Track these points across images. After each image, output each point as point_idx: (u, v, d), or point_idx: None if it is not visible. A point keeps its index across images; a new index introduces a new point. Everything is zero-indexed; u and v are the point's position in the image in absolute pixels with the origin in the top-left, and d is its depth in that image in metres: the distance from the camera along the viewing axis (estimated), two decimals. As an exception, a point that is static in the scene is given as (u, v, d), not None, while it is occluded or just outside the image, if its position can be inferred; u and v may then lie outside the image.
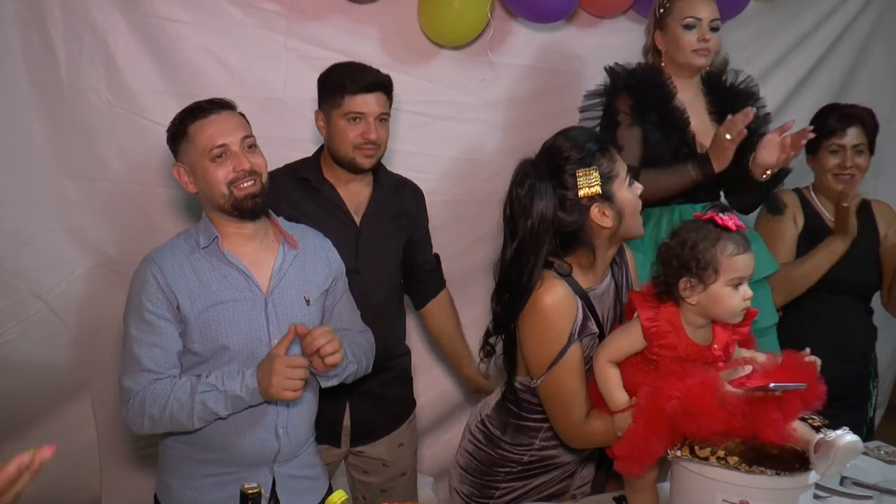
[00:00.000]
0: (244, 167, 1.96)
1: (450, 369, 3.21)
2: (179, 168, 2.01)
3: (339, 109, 2.31)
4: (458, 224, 3.10)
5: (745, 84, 2.68)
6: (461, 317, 3.16)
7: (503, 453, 2.09)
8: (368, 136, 2.32)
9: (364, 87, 2.31)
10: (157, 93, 2.63)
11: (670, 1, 2.55)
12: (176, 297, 1.93)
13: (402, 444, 2.62)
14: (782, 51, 3.56)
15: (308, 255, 2.11)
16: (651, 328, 1.81)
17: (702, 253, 1.76)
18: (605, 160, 1.89)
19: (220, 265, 1.98)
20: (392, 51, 2.90)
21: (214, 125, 1.96)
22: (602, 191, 1.86)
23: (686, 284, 1.79)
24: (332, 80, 2.35)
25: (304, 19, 2.76)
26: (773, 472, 1.66)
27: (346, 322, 2.20)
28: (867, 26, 3.69)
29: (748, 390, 1.69)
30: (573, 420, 1.91)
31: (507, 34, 3.03)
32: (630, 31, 3.14)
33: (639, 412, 1.75)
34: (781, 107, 3.59)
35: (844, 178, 2.71)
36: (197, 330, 1.94)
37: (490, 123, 3.09)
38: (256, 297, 1.99)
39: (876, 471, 2.17)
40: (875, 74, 3.78)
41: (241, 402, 1.91)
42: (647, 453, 1.75)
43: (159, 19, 2.60)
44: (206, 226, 2.02)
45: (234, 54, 2.71)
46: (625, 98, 2.52)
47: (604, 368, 1.86)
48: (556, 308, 1.87)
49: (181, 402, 1.90)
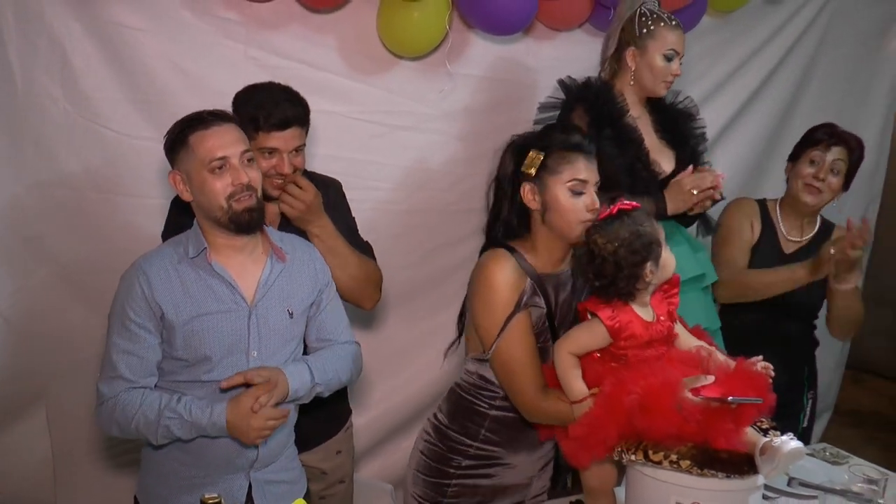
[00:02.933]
0: (243, 181, 1.96)
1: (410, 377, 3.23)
2: (176, 176, 1.99)
3: (253, 142, 2.19)
4: (415, 233, 3.12)
5: (684, 104, 2.73)
6: (416, 327, 3.22)
7: (451, 444, 2.15)
8: (281, 170, 2.25)
9: (278, 124, 2.22)
10: (115, 101, 2.60)
11: (655, 25, 2.53)
12: (160, 307, 1.94)
13: (339, 452, 2.59)
14: (735, 64, 3.64)
15: (295, 268, 2.11)
16: (614, 325, 1.87)
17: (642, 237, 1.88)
18: (559, 156, 2.00)
19: (207, 276, 1.98)
20: (351, 60, 2.90)
21: (216, 137, 1.95)
22: (535, 175, 2.01)
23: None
24: (245, 110, 2.24)
25: (264, 28, 2.75)
26: (724, 475, 1.71)
27: (328, 332, 2.19)
28: (815, 41, 3.80)
29: (707, 400, 1.73)
30: (528, 390, 1.97)
31: (466, 45, 3.05)
32: (586, 44, 3.18)
33: (601, 398, 1.80)
34: (735, 118, 3.68)
35: (813, 189, 2.70)
36: (181, 338, 1.95)
37: (448, 134, 3.11)
38: (241, 308, 2.00)
39: (821, 471, 2.25)
40: (823, 87, 3.89)
41: (204, 433, 1.94)
42: (600, 439, 1.78)
43: (117, 26, 2.57)
44: (196, 235, 2.01)
45: (193, 62, 2.68)
46: (581, 113, 2.53)
47: (564, 357, 1.91)
48: (503, 278, 2.00)
49: (147, 420, 1.92)
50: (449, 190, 3.14)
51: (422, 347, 3.22)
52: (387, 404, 3.20)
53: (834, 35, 3.83)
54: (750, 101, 3.72)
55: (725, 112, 3.65)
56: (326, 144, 2.86)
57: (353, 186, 2.88)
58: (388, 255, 2.97)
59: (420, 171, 3.09)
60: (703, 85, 3.51)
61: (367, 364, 3.03)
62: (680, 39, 2.56)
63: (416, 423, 3.20)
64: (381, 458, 3.26)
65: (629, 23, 2.55)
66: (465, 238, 3.20)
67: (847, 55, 3.91)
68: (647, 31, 2.53)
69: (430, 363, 3.24)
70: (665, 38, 2.52)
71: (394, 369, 3.19)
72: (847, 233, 2.48)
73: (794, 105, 3.83)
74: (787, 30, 3.71)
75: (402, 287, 3.09)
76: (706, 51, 3.48)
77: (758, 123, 3.77)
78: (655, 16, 2.55)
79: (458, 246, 3.21)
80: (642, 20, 2.54)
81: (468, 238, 3.21)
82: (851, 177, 2.75)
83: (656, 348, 1.89)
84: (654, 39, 2.52)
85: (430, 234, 3.15)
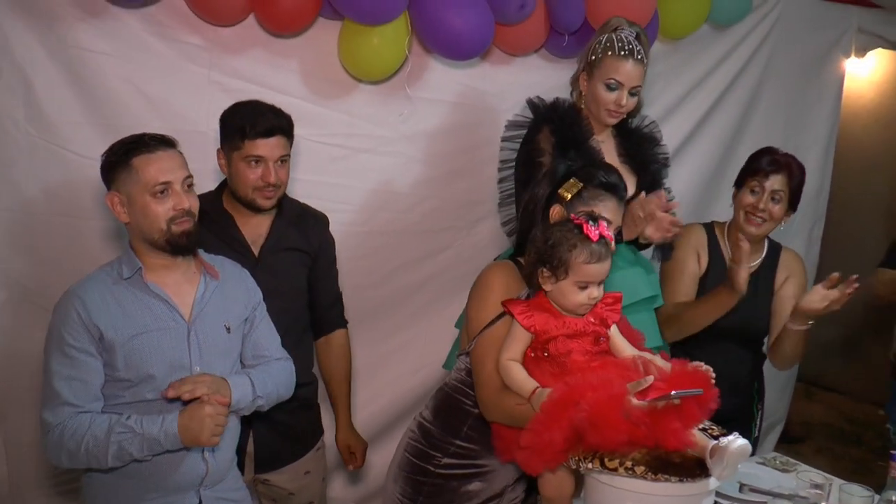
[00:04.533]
0: (185, 206, 2.02)
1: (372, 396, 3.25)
2: (114, 197, 2.02)
3: (238, 152, 2.34)
4: (376, 255, 3.16)
5: (649, 129, 2.80)
6: (380, 347, 3.24)
7: (433, 441, 2.20)
8: (268, 179, 2.36)
9: (263, 132, 2.34)
10: (78, 124, 2.61)
11: (603, 53, 2.57)
12: (99, 329, 1.95)
13: (308, 472, 2.61)
14: (686, 89, 3.75)
15: (228, 285, 2.17)
16: (527, 319, 1.96)
17: (559, 253, 1.94)
18: (595, 191, 2.11)
19: (144, 295, 2.02)
20: (313, 84, 2.94)
21: (161, 161, 2.00)
22: (569, 201, 2.10)
23: (542, 273, 1.97)
24: (232, 122, 2.37)
25: (227, 52, 2.79)
26: (677, 479, 1.76)
27: (262, 349, 2.24)
28: (760, 67, 3.93)
29: (652, 401, 1.79)
30: (493, 384, 2.03)
31: (425, 70, 3.11)
32: (542, 69, 3.28)
33: (548, 404, 1.85)
34: (685, 142, 3.79)
35: (755, 220, 2.69)
36: (122, 358, 1.96)
37: (408, 156, 3.16)
38: (179, 326, 2.03)
39: (771, 479, 2.34)
40: (769, 112, 4.02)
41: (157, 445, 1.93)
42: (546, 443, 1.83)
43: (80, 50, 2.59)
44: (129, 257, 2.05)
45: (156, 87, 2.70)
46: (547, 134, 2.57)
47: (507, 364, 1.98)
48: (502, 280, 2.11)
49: (97, 440, 1.91)
50: (409, 211, 3.19)
51: (384, 367, 3.26)
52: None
53: (778, 62, 3.97)
54: (700, 125, 3.83)
55: (676, 136, 3.75)
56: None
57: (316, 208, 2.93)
58: (351, 276, 3.01)
59: (381, 192, 3.14)
60: (654, 110, 3.60)
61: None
62: (629, 71, 2.56)
63: (379, 440, 3.24)
64: (347, 475, 3.28)
65: (586, 50, 2.62)
66: (425, 258, 3.26)
67: (790, 81, 4.06)
68: (595, 57, 2.59)
69: (392, 382, 3.29)
70: (609, 67, 2.57)
71: (354, 388, 3.18)
72: (839, 290, 2.51)
73: (741, 129, 3.95)
74: (734, 57, 3.84)
75: (364, 308, 3.13)
76: (657, 76, 3.58)
77: (707, 148, 3.88)
78: (609, 43, 2.59)
79: (419, 266, 3.26)
80: (596, 46, 2.60)
81: (429, 259, 3.27)
82: (797, 199, 2.73)
83: (581, 341, 1.96)
84: (599, 68, 2.58)
85: (391, 255, 3.19)
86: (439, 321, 3.18)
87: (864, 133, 5.30)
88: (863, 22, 4.16)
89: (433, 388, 2.38)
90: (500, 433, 2.08)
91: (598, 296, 1.97)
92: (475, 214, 3.33)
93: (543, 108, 2.65)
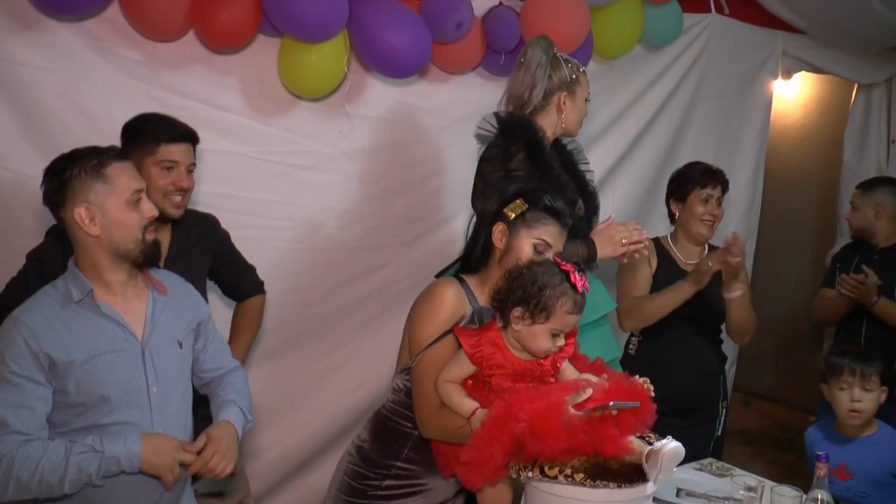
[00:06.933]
0: (154, 213, 1.99)
1: (312, 414, 3.23)
2: (84, 209, 1.91)
3: (153, 157, 2.34)
4: (316, 271, 3.16)
5: (574, 146, 2.82)
6: (321, 363, 3.23)
7: (374, 462, 2.19)
8: (180, 184, 2.37)
9: (178, 137, 2.37)
10: (11, 140, 2.56)
11: (576, 73, 2.64)
12: (50, 356, 1.87)
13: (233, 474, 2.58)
14: (621, 107, 3.85)
15: (175, 300, 2.12)
16: (476, 354, 1.96)
17: (545, 297, 1.93)
18: (539, 214, 2.11)
19: (96, 317, 1.94)
20: (253, 101, 2.95)
21: (130, 170, 1.97)
22: (512, 220, 2.11)
23: (515, 312, 1.95)
24: (145, 128, 2.37)
25: (166, 68, 2.77)
26: (615, 485, 1.80)
27: (220, 362, 2.22)
28: (692, 87, 4.06)
29: (589, 411, 1.83)
30: (432, 402, 2.04)
31: (364, 87, 3.13)
32: (479, 87, 3.33)
33: (489, 420, 1.87)
34: (621, 158, 3.88)
35: (708, 224, 3.00)
36: (74, 383, 1.88)
37: (348, 173, 3.17)
38: (133, 346, 1.97)
39: (708, 483, 2.40)
40: (700, 130, 4.15)
41: (116, 465, 1.86)
42: (487, 459, 1.85)
43: (14, 64, 2.54)
44: (76, 278, 1.96)
45: (94, 102, 2.67)
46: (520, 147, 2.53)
47: (446, 386, 2.00)
48: (449, 298, 2.10)
49: (54, 465, 1.82)
50: (348, 228, 3.20)
51: (325, 384, 3.25)
52: (289, 441, 3.20)
53: (709, 82, 4.10)
54: (635, 142, 3.93)
55: (613, 153, 3.84)
56: (228, 184, 2.90)
57: (256, 226, 2.93)
58: (291, 292, 3.01)
59: (320, 210, 3.14)
60: (590, 127, 3.68)
61: (269, 400, 3.06)
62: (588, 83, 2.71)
63: (318, 459, 3.23)
64: (285, 494, 3.25)
65: (557, 70, 2.62)
66: (365, 275, 3.27)
67: (721, 101, 4.19)
68: (575, 76, 2.65)
69: (333, 400, 3.28)
70: (586, 83, 2.68)
71: (295, 405, 3.20)
72: (724, 245, 2.80)
73: (675, 146, 4.06)
74: (667, 77, 3.96)
75: (304, 325, 3.13)
76: (592, 95, 3.59)
77: (643, 164, 3.97)
78: (576, 64, 2.68)
79: (359, 283, 3.26)
80: (569, 67, 2.65)
81: (368, 275, 3.28)
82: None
83: (525, 383, 1.97)
84: (580, 85, 2.66)
85: (331, 272, 3.19)
86: (380, 338, 3.19)
87: (792, 152, 5.48)
88: (787, 46, 4.32)
89: (375, 404, 2.38)
90: (441, 449, 2.09)
91: (562, 344, 1.99)
92: (414, 231, 3.35)
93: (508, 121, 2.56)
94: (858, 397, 2.57)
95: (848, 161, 4.67)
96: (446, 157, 3.32)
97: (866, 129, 4.64)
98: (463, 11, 3.02)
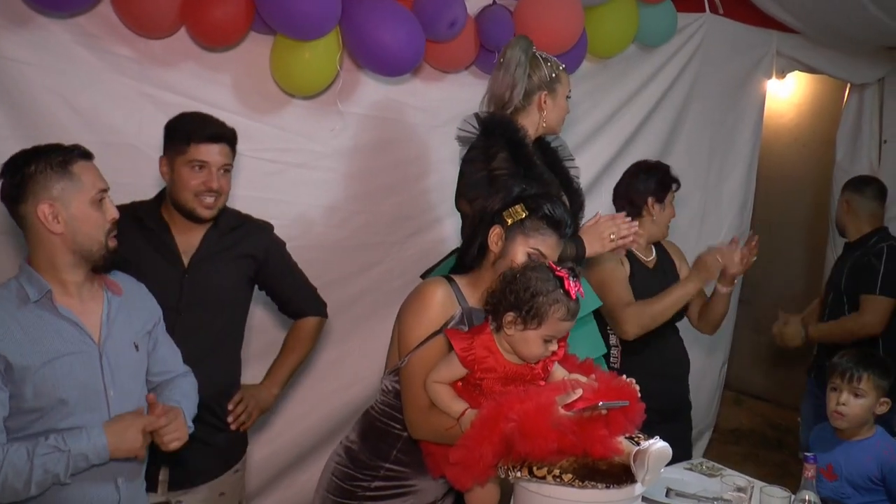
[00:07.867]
0: (116, 216, 1.96)
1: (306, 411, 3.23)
2: (49, 206, 1.88)
3: (183, 156, 2.33)
4: (308, 268, 3.07)
5: (558, 143, 2.81)
6: (314, 362, 3.21)
7: (362, 464, 2.19)
8: (210, 184, 2.34)
9: (209, 137, 2.34)
10: (3, 138, 2.52)
11: (556, 71, 2.63)
12: (6, 359, 1.83)
13: (223, 494, 2.52)
14: (614, 107, 3.85)
15: (131, 301, 2.09)
16: (467, 357, 1.96)
17: (538, 304, 1.92)
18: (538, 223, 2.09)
19: (53, 318, 1.91)
20: (245, 98, 2.94)
21: (95, 169, 1.95)
22: (510, 225, 2.09)
23: (507, 317, 1.95)
24: (179, 127, 2.38)
25: (157, 65, 2.76)
26: (604, 486, 1.80)
27: (169, 365, 2.19)
28: (686, 87, 4.06)
29: (579, 412, 1.84)
30: (421, 403, 2.03)
31: (356, 85, 3.13)
32: (472, 86, 3.30)
33: (479, 420, 1.87)
34: (614, 158, 3.87)
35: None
36: (31, 387, 1.85)
37: (340, 171, 3.17)
38: (90, 349, 1.94)
39: (698, 483, 2.41)
40: (694, 129, 4.15)
41: (84, 461, 1.85)
42: (476, 459, 1.85)
43: (4, 60, 2.52)
44: (32, 278, 1.91)
45: (86, 98, 2.66)
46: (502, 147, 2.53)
47: (435, 387, 2.00)
48: (438, 298, 2.08)
49: (17, 469, 1.79)
50: (340, 226, 3.20)
51: (319, 382, 3.25)
52: (282, 439, 3.20)
53: (703, 81, 4.11)
54: (628, 142, 3.93)
55: (605, 153, 3.84)
56: (220, 181, 2.88)
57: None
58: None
59: (313, 207, 3.14)
60: (583, 126, 3.70)
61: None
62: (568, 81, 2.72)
63: (311, 457, 3.23)
64: (277, 492, 3.25)
65: (537, 69, 2.62)
66: (358, 273, 3.27)
67: (715, 100, 4.20)
68: (555, 75, 2.64)
69: (326, 398, 3.28)
70: (567, 81, 2.68)
71: (288, 404, 3.19)
72: (743, 248, 2.90)
73: (669, 146, 4.07)
74: (661, 76, 3.96)
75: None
76: (586, 94, 3.67)
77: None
78: (555, 62, 2.66)
79: (352, 281, 3.26)
80: (549, 65, 2.64)
81: (361, 273, 3.28)
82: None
83: (515, 386, 1.96)
84: (560, 83, 2.65)
85: (324, 269, 3.15)
86: (372, 336, 3.18)
87: (786, 151, 5.50)
88: (781, 46, 4.34)
89: (368, 403, 2.37)
90: (430, 449, 2.09)
91: (555, 349, 1.98)
92: (407, 229, 3.35)
93: (490, 122, 2.57)
94: (844, 400, 2.57)
95: (840, 161, 4.69)
96: (439, 155, 3.31)
97: (859, 129, 4.66)
98: (456, 10, 3.02)
